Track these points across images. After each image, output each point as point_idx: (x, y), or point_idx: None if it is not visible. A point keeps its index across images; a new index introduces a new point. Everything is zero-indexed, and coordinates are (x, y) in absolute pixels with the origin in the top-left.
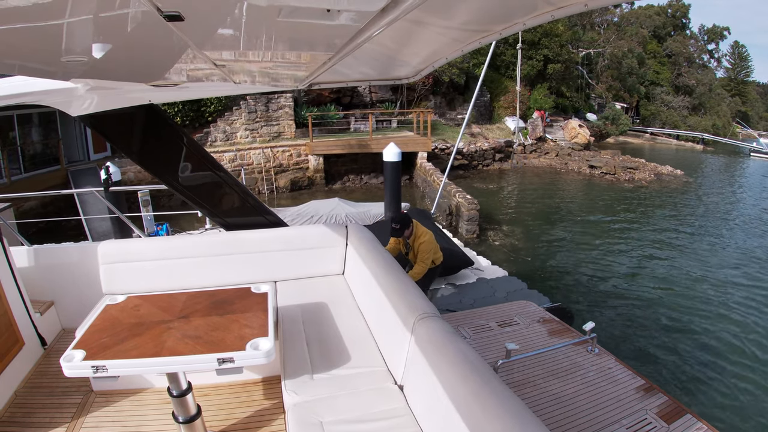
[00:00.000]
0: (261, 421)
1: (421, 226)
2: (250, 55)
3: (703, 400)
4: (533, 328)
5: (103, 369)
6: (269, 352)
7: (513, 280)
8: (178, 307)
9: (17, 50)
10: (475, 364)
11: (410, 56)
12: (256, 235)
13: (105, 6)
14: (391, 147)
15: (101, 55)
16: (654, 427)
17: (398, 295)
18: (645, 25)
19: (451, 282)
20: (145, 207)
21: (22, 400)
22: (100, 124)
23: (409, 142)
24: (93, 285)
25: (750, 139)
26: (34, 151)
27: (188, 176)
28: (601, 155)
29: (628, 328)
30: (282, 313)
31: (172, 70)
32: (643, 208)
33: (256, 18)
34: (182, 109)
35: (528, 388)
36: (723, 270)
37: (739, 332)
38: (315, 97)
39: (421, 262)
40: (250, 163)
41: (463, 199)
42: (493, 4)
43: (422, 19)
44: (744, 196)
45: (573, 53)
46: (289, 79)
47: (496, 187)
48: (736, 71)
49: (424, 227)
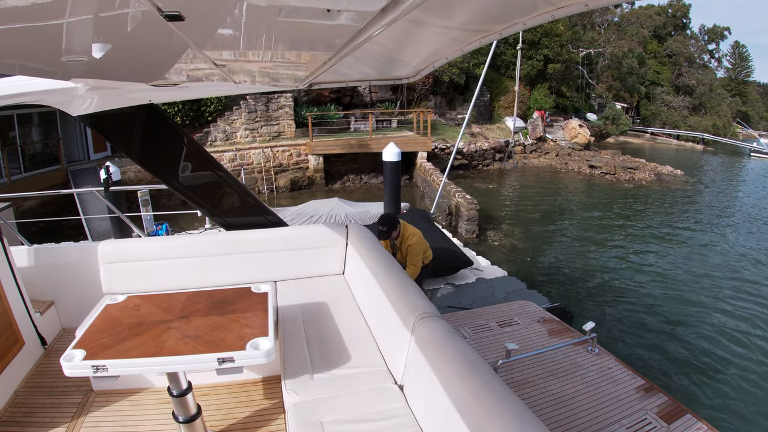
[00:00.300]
0: (261, 421)
1: (409, 227)
2: (251, 54)
3: (703, 400)
4: (533, 328)
5: (103, 369)
6: (269, 352)
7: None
8: (178, 307)
9: (17, 50)
10: (475, 364)
11: (410, 56)
12: (256, 234)
13: (105, 6)
14: (391, 147)
15: (101, 54)
16: (654, 427)
17: (398, 295)
18: (645, 25)
19: (451, 282)
20: (144, 207)
21: (22, 400)
22: (101, 123)
23: (409, 141)
24: (93, 285)
25: (750, 139)
26: (34, 150)
27: (188, 176)
28: (601, 155)
29: (629, 328)
30: (282, 312)
31: (172, 70)
32: (643, 208)
33: (256, 18)
34: (182, 108)
35: (528, 388)
36: (723, 270)
37: (739, 332)
38: (315, 96)
39: (411, 265)
40: (250, 162)
41: (463, 199)
42: (493, 4)
43: (422, 19)
44: (744, 196)
45: (573, 53)
46: (290, 79)
47: (496, 187)
48: (737, 71)
49: (412, 227)
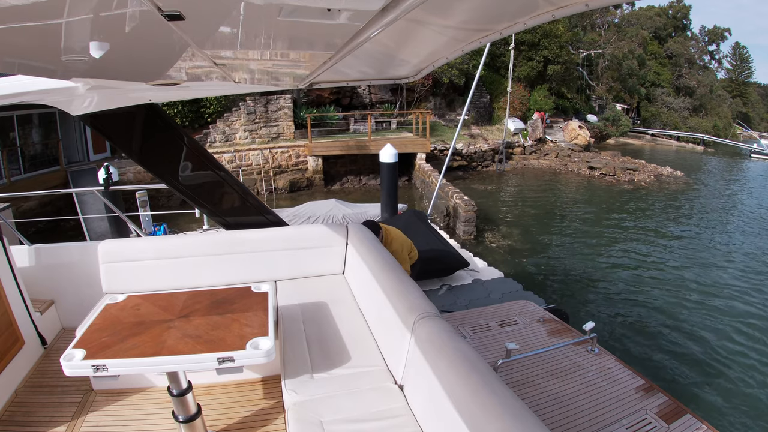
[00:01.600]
0: (261, 421)
1: (391, 231)
2: (251, 54)
3: (703, 400)
4: (533, 327)
5: (104, 368)
6: (269, 352)
7: (509, 281)
8: (178, 307)
9: (17, 49)
10: (475, 363)
11: (411, 55)
12: (256, 234)
13: (105, 5)
14: (388, 148)
15: (102, 54)
16: (654, 427)
17: (398, 295)
18: (646, 26)
19: (447, 283)
20: (143, 207)
21: (22, 400)
22: (101, 123)
23: (408, 143)
24: (93, 284)
25: (751, 140)
26: (34, 151)
27: (189, 176)
28: (600, 156)
29: (628, 329)
30: (282, 312)
31: (172, 70)
32: (642, 209)
33: (256, 17)
34: (181, 110)
35: (528, 387)
36: (723, 270)
37: (739, 332)
38: (315, 98)
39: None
40: (249, 164)
41: (461, 200)
42: (493, 3)
43: (423, 19)
44: (744, 197)
45: (573, 54)
46: (290, 78)
47: (495, 189)
48: (737, 72)
49: (394, 230)
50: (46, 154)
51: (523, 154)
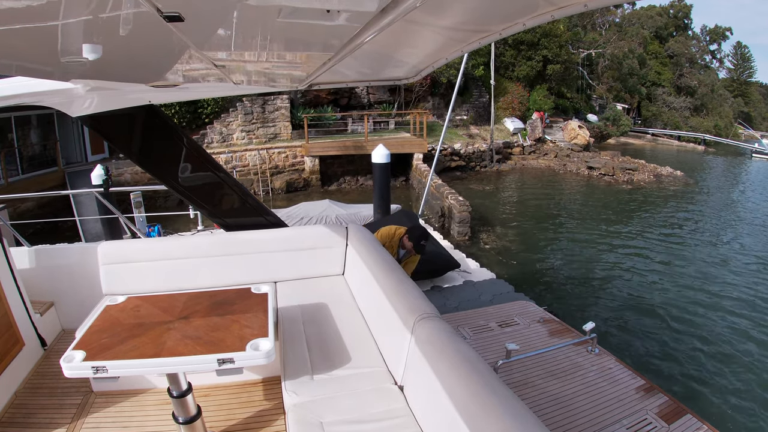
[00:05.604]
0: (261, 422)
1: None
2: (250, 55)
3: (703, 400)
4: (533, 328)
5: (103, 370)
6: (269, 353)
7: (500, 283)
8: (178, 308)
9: (16, 50)
10: (475, 364)
11: (410, 56)
12: (256, 235)
13: (105, 6)
14: (380, 149)
15: (101, 55)
16: (654, 427)
17: (398, 296)
18: (647, 26)
19: (437, 284)
20: (137, 208)
21: (22, 401)
22: (100, 124)
23: (406, 143)
24: (93, 286)
25: (752, 140)
26: (32, 152)
27: (188, 177)
28: (600, 156)
29: (628, 329)
30: (282, 313)
31: (171, 71)
32: (641, 209)
33: (255, 19)
34: (179, 110)
35: (528, 388)
36: (722, 271)
37: (740, 332)
38: (312, 98)
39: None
40: (246, 164)
41: (455, 200)
42: (493, 4)
43: (422, 20)
44: (745, 197)
45: (573, 54)
46: (289, 80)
47: (493, 189)
48: (739, 72)
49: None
50: (44, 154)
51: (522, 154)
